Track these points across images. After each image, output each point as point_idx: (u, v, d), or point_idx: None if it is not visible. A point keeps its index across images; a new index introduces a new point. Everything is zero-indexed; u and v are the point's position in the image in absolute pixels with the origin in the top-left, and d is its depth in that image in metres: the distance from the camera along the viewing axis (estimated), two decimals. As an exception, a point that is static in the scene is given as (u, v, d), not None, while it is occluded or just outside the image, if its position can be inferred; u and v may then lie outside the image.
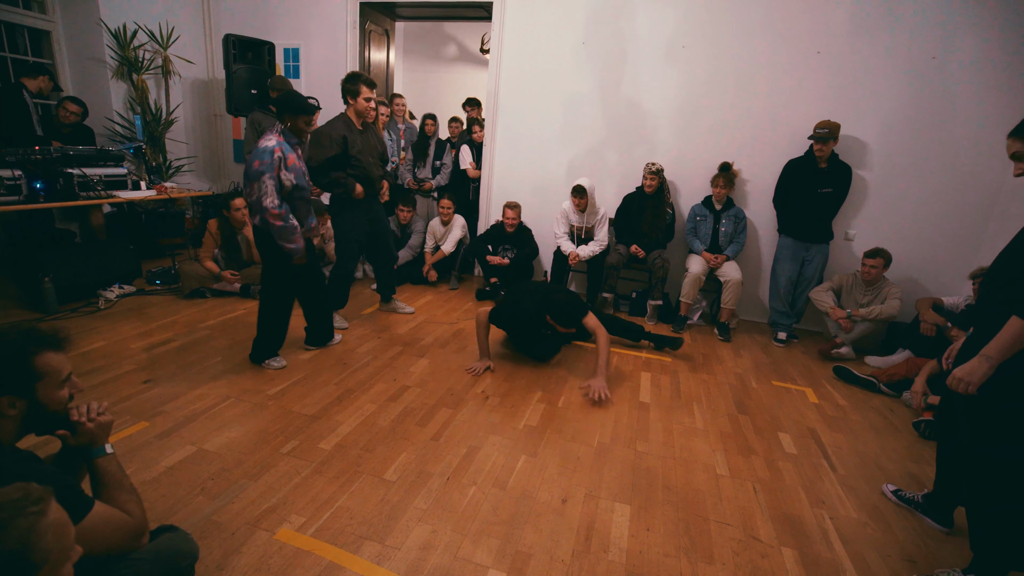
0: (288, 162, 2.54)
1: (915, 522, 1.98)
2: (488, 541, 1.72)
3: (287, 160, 2.53)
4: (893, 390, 3.12)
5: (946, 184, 3.75)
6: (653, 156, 4.26)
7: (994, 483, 1.53)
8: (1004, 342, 1.44)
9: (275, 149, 2.48)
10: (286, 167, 2.53)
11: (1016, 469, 1.50)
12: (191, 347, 3.00)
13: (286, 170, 2.53)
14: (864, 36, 3.72)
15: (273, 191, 2.50)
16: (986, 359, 1.48)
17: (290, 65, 5.19)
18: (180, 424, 2.23)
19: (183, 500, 1.79)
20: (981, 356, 1.49)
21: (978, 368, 1.49)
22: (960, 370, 1.53)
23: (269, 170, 2.47)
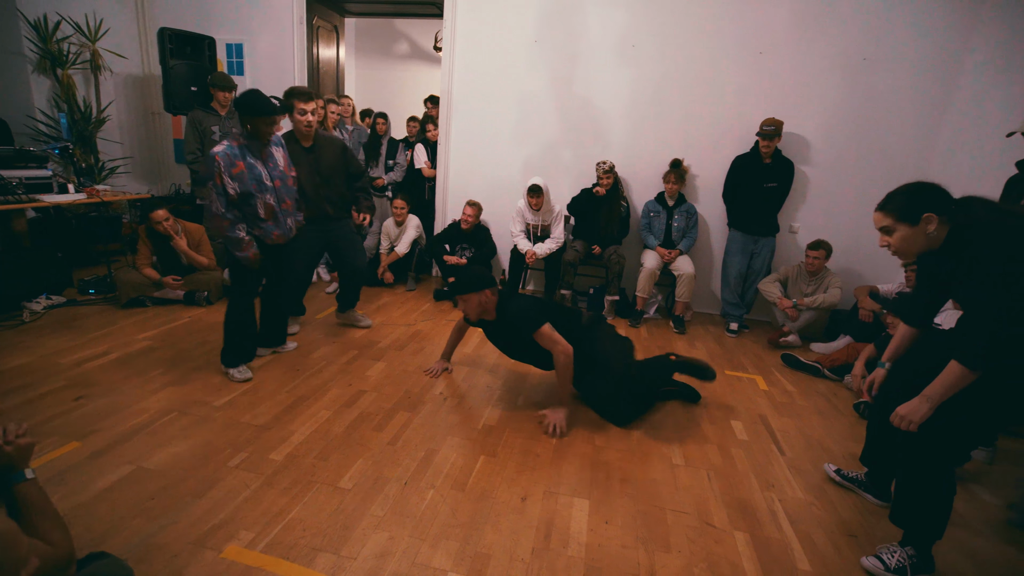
0: (235, 169, 2.41)
1: (856, 499, 2.09)
2: (447, 544, 1.69)
3: (234, 167, 2.41)
4: (836, 374, 3.29)
5: (879, 178, 3.96)
6: (606, 154, 4.32)
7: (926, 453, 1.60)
8: (944, 386, 1.49)
9: (215, 156, 2.38)
10: (231, 175, 2.41)
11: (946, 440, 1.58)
12: (130, 359, 2.83)
13: (230, 178, 2.41)
14: (802, 38, 3.89)
15: (215, 198, 2.40)
16: (927, 400, 1.52)
17: (233, 62, 4.98)
18: (117, 442, 2.10)
19: (120, 524, 1.68)
20: (923, 397, 1.53)
21: (919, 409, 1.53)
22: (903, 408, 1.57)
23: (210, 178, 2.39)
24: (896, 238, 1.60)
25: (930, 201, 1.54)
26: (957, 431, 1.57)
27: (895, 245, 1.61)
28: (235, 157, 2.42)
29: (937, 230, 1.54)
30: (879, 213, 1.62)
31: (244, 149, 2.46)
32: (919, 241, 1.57)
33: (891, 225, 1.60)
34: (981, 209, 1.50)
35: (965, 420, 1.54)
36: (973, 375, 1.43)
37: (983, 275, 1.43)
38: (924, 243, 1.57)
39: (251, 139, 2.48)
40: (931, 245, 1.57)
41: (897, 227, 1.59)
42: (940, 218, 1.53)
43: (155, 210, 3.56)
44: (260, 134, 2.48)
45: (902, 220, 1.57)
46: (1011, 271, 1.39)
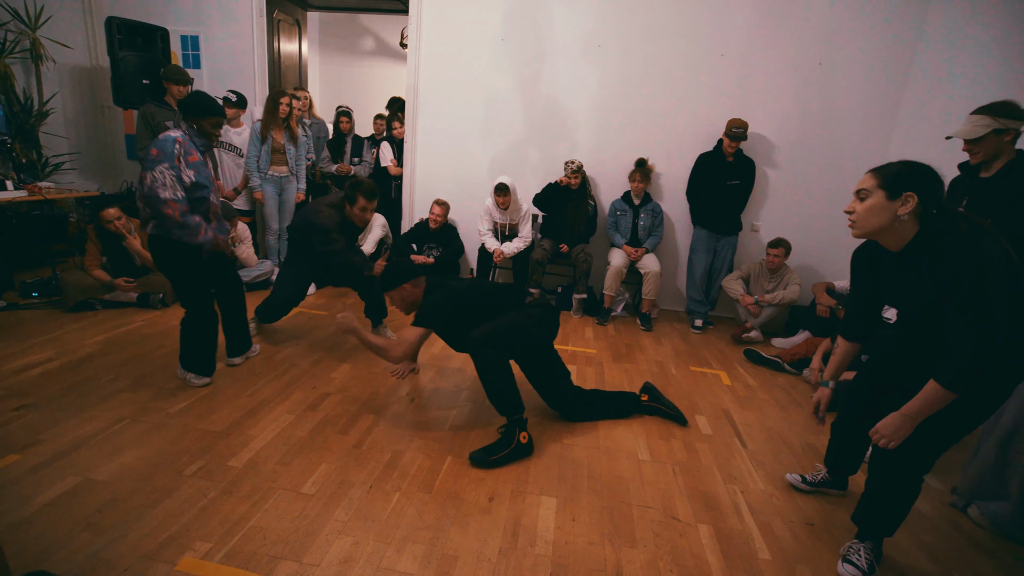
0: (191, 158, 2.31)
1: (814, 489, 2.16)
2: (413, 547, 1.67)
3: (190, 155, 2.31)
4: (795, 368, 3.40)
5: (834, 178, 4.13)
6: (574, 153, 4.35)
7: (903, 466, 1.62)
8: (923, 405, 1.44)
9: (177, 138, 2.27)
10: (187, 162, 2.29)
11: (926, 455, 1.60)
12: (77, 365, 2.69)
13: (187, 165, 2.29)
14: (760, 42, 4.01)
15: (173, 182, 2.24)
16: (908, 419, 1.47)
17: (189, 54, 4.79)
18: (61, 453, 1.98)
19: (63, 539, 1.59)
20: (903, 416, 1.48)
21: (901, 427, 1.48)
22: (883, 426, 1.52)
23: (168, 159, 2.22)
24: (865, 204, 1.48)
25: (921, 183, 1.42)
26: (938, 446, 1.57)
27: (858, 212, 1.50)
28: (191, 146, 2.33)
29: (907, 219, 1.44)
30: (869, 173, 1.51)
31: (193, 145, 2.36)
32: (883, 218, 1.45)
33: (870, 189, 1.48)
34: (963, 223, 1.41)
35: (945, 437, 1.55)
36: (953, 396, 1.40)
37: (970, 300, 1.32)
38: (886, 223, 1.46)
39: (198, 137, 2.38)
40: (890, 234, 1.48)
41: (874, 193, 1.47)
42: (917, 207, 1.42)
43: (106, 208, 3.39)
44: (206, 134, 2.39)
45: (883, 187, 1.45)
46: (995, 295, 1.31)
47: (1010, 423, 1.91)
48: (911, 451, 1.56)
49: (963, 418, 1.51)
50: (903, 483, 1.64)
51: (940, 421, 1.48)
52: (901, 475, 1.63)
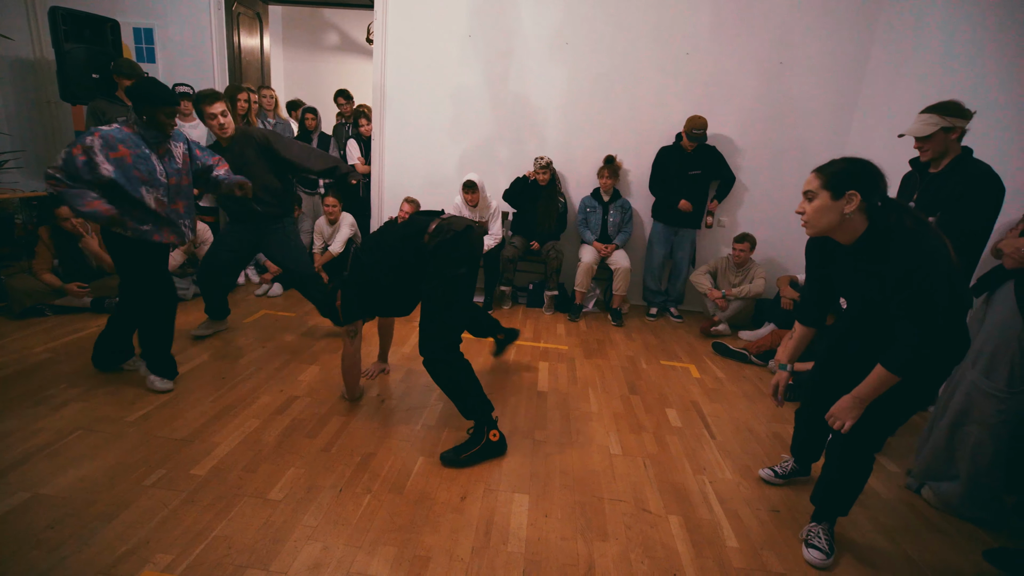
0: (113, 153, 2.14)
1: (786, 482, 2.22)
2: (384, 550, 1.65)
3: (114, 150, 2.15)
4: (761, 360, 3.49)
5: (797, 174, 4.22)
6: (543, 150, 4.36)
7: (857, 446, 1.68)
8: (871, 388, 1.53)
9: (94, 131, 2.13)
10: (107, 156, 2.13)
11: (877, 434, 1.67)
12: (26, 374, 2.55)
13: (106, 159, 2.13)
14: (724, 41, 4.09)
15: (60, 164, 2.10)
16: (858, 400, 1.56)
17: (143, 47, 4.60)
18: (8, 468, 1.88)
19: (11, 558, 1.50)
20: (854, 398, 1.57)
21: (851, 409, 1.57)
22: (837, 409, 1.61)
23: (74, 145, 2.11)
24: (813, 206, 1.54)
25: (861, 181, 1.47)
26: (887, 426, 1.65)
27: (808, 213, 1.56)
28: (120, 142, 2.17)
29: (854, 215, 1.49)
30: (813, 174, 1.56)
31: (139, 138, 2.23)
32: (831, 217, 1.51)
33: (815, 190, 1.53)
34: (909, 219, 1.46)
35: (893, 419, 1.63)
36: (897, 379, 1.48)
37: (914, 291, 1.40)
38: (835, 221, 1.51)
39: (148, 130, 2.26)
40: (841, 231, 1.53)
41: (819, 194, 1.52)
42: (862, 204, 1.47)
43: (60, 206, 3.22)
44: (159, 125, 2.26)
45: (826, 187, 1.51)
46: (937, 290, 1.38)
47: (959, 407, 2.01)
48: (863, 432, 1.64)
49: (908, 400, 1.60)
50: (856, 463, 1.72)
51: (887, 403, 1.57)
52: (854, 455, 1.71)
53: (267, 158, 2.93)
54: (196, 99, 2.82)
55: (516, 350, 3.40)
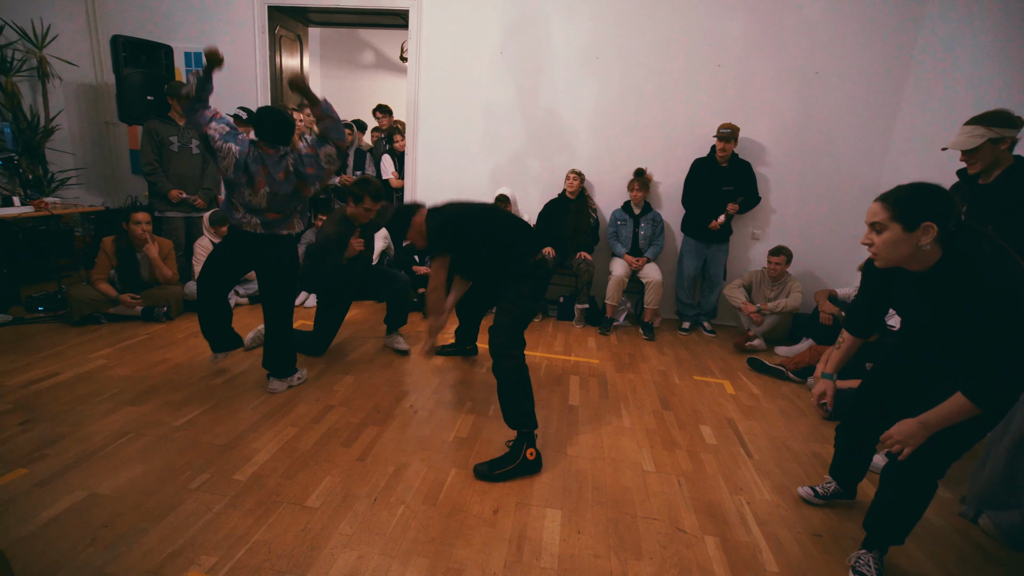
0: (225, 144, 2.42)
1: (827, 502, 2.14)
2: (418, 561, 1.66)
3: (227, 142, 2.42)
4: (799, 376, 3.39)
5: (834, 186, 4.15)
6: (573, 163, 4.39)
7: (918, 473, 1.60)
8: (945, 415, 1.43)
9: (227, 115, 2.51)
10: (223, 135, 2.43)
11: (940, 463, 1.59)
12: (82, 379, 2.70)
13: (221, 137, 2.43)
14: (757, 52, 4.05)
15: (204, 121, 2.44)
16: (924, 427, 1.45)
17: (192, 70, 4.84)
18: (66, 468, 1.99)
19: (69, 554, 1.59)
20: (921, 423, 1.46)
21: (916, 434, 1.47)
22: (897, 432, 1.50)
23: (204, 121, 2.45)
24: (883, 238, 1.42)
25: (937, 210, 1.36)
26: (952, 452, 1.56)
27: (878, 246, 1.45)
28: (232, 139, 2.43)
29: (930, 246, 1.39)
30: (878, 204, 1.44)
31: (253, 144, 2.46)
32: (905, 249, 1.40)
33: (884, 222, 1.42)
34: (987, 244, 1.37)
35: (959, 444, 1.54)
36: (977, 411, 1.38)
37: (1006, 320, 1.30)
38: (910, 254, 1.41)
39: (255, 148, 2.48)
40: (915, 260, 1.43)
41: (889, 226, 1.41)
42: (938, 233, 1.36)
43: (138, 211, 3.45)
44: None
45: (898, 220, 1.39)
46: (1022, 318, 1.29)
47: (1019, 432, 1.90)
48: (926, 457, 1.55)
49: (977, 426, 1.49)
50: (917, 490, 1.63)
51: (956, 429, 1.47)
52: (915, 482, 1.62)
53: None
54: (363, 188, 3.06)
55: (547, 363, 3.40)
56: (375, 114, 5.09)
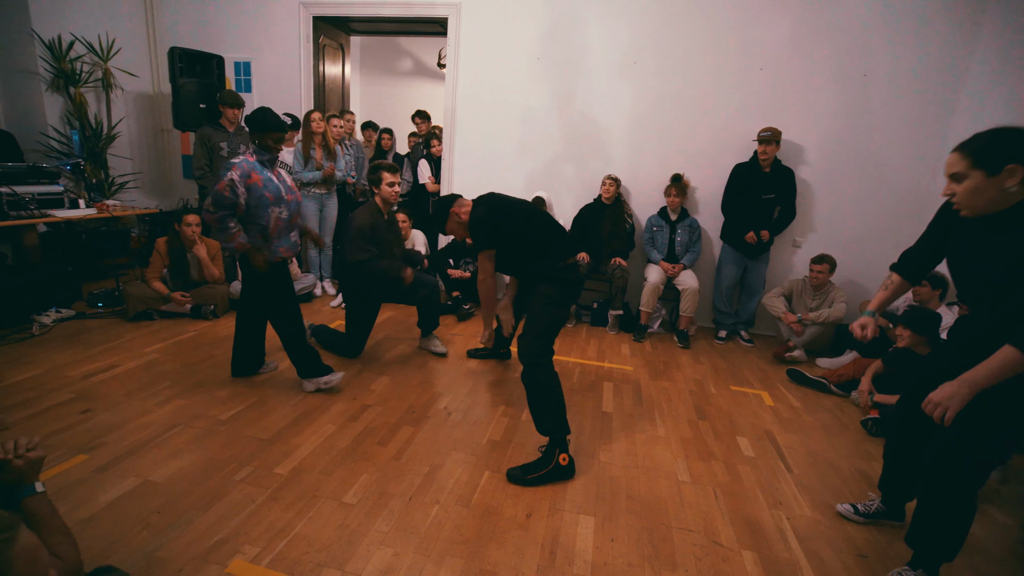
0: (249, 180, 2.47)
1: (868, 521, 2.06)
2: (452, 561, 1.68)
3: (248, 178, 2.47)
4: (842, 390, 3.26)
5: (879, 192, 3.99)
6: (608, 168, 4.37)
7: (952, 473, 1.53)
8: (992, 371, 1.34)
9: (232, 164, 2.46)
10: (246, 185, 2.46)
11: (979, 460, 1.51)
12: (136, 372, 2.85)
13: (244, 188, 2.47)
14: (802, 54, 3.94)
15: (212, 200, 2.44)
16: (967, 384, 1.37)
17: (241, 79, 5.07)
18: (123, 455, 2.10)
19: (124, 537, 1.68)
20: (963, 381, 1.37)
21: (958, 393, 1.38)
22: (937, 394, 1.42)
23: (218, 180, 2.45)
24: (965, 187, 1.38)
25: (1021, 151, 1.32)
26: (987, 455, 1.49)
27: (960, 196, 1.39)
28: (252, 169, 2.48)
29: (1018, 188, 1.33)
30: (955, 154, 1.40)
31: (259, 164, 2.53)
32: (990, 195, 1.36)
33: (964, 171, 1.38)
34: None
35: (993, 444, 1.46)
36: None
37: None
38: (996, 199, 1.36)
39: (261, 153, 2.54)
40: (1000, 205, 1.37)
41: (970, 174, 1.36)
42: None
43: (189, 214, 3.63)
44: (269, 148, 2.54)
45: (979, 166, 1.35)
46: None
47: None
48: (960, 459, 1.49)
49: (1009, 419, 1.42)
50: (954, 496, 1.55)
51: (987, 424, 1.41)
52: (951, 486, 1.54)
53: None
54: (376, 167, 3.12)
55: (580, 369, 3.39)
56: (413, 120, 5.20)
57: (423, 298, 3.33)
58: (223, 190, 2.42)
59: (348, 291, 3.24)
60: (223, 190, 2.42)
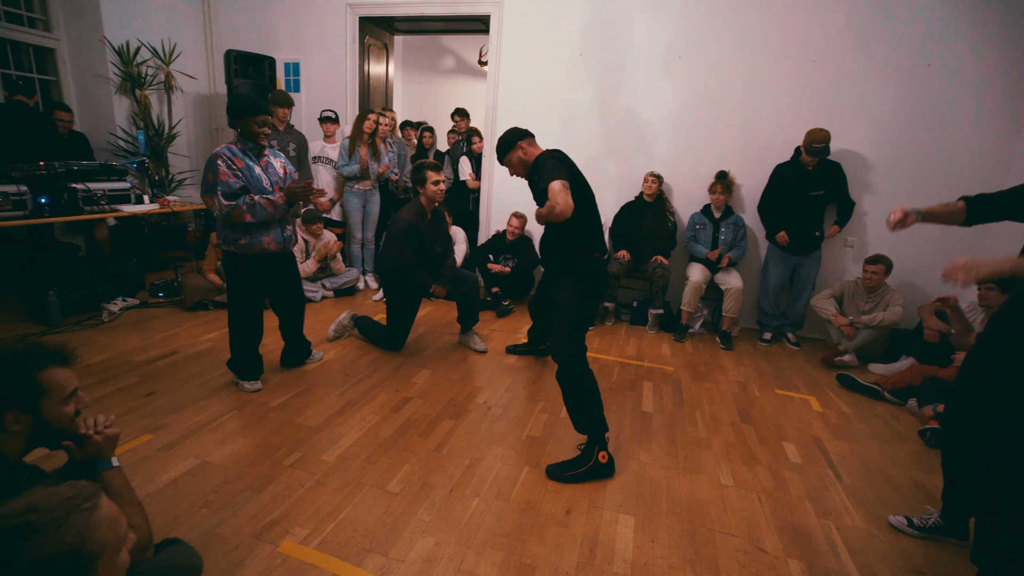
0: (237, 164, 2.36)
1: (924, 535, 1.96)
2: (492, 553, 1.71)
3: (234, 163, 2.36)
4: (898, 398, 3.11)
5: (944, 188, 3.76)
6: (651, 165, 4.30)
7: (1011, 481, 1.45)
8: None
9: (216, 154, 2.35)
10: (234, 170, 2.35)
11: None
12: (195, 359, 3.01)
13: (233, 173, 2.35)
14: (859, 45, 3.76)
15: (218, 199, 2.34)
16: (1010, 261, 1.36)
17: (291, 79, 5.25)
18: (183, 437, 2.23)
19: (186, 513, 1.78)
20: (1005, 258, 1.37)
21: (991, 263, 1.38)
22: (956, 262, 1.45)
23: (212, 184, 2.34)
24: None
25: None
26: None
27: None
28: (234, 155, 2.39)
29: None
30: None
31: (241, 152, 2.43)
32: None
33: None
34: None
35: None
36: None
37: None
38: None
39: (244, 142, 2.44)
40: None
41: None
42: None
43: None
44: (252, 135, 2.42)
45: None
46: None
47: None
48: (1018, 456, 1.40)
49: None
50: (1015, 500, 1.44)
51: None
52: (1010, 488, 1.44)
53: None
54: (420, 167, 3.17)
55: (619, 367, 3.36)
56: (454, 117, 5.25)
57: (463, 294, 3.37)
58: (226, 178, 2.31)
59: (389, 288, 3.32)
60: (226, 178, 2.31)
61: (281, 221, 2.58)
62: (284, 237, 2.60)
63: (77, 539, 0.74)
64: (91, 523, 0.77)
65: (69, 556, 0.73)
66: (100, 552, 0.78)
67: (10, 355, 1.11)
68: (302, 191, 2.49)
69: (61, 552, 0.72)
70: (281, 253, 2.63)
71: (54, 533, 0.73)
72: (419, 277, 3.15)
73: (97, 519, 0.79)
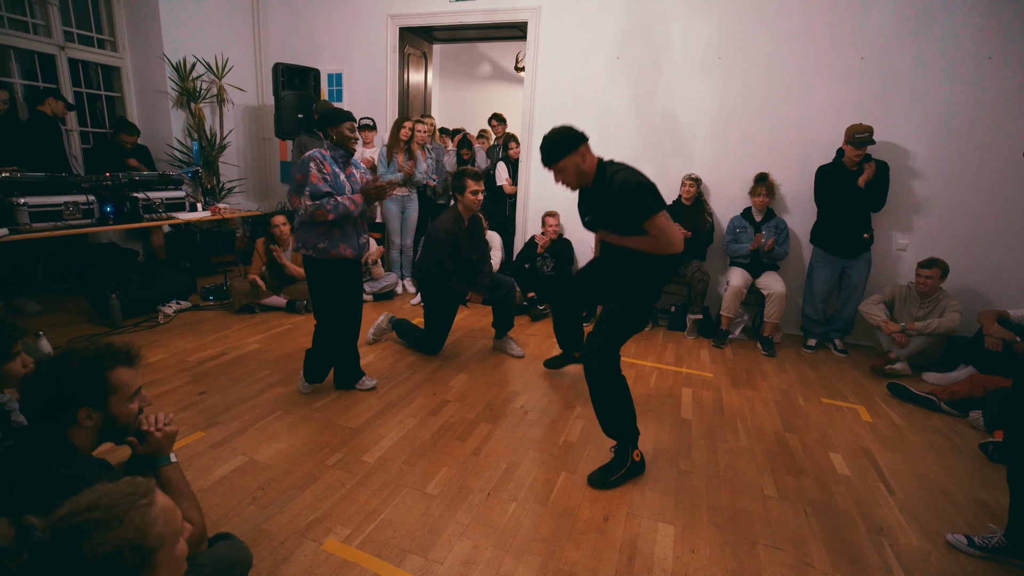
0: (326, 168, 2.45)
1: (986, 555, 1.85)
2: (530, 558, 1.71)
3: (324, 167, 2.43)
4: (956, 409, 2.95)
5: (1008, 188, 3.55)
6: (690, 168, 4.22)
7: None
8: None
9: (309, 156, 2.42)
10: (323, 173, 2.41)
11: None
12: (243, 360, 3.14)
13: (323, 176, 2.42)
14: (908, 40, 3.60)
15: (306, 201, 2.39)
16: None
17: (334, 89, 5.42)
18: (232, 435, 2.33)
19: (235, 509, 1.86)
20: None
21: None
22: None
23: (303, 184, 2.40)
24: None
25: None
26: None
27: None
28: (324, 160, 2.46)
29: None
30: None
31: (331, 159, 2.49)
32: None
33: None
34: None
35: None
36: None
37: None
38: None
39: (336, 149, 2.51)
40: None
41: None
42: None
43: (275, 215, 3.96)
44: (345, 141, 2.50)
45: None
46: None
47: None
48: None
49: None
50: None
51: None
52: None
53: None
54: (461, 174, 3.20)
55: (657, 374, 3.31)
56: (490, 122, 5.31)
57: (500, 298, 3.39)
58: (316, 181, 2.37)
59: (426, 294, 3.37)
60: (316, 181, 2.37)
61: (357, 228, 2.63)
62: (359, 244, 2.65)
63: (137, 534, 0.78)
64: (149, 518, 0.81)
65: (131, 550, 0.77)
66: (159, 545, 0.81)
67: (84, 356, 1.19)
68: (376, 191, 2.55)
69: (123, 547, 0.76)
70: (355, 259, 2.68)
71: (116, 529, 0.77)
72: (455, 285, 3.18)
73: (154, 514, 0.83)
